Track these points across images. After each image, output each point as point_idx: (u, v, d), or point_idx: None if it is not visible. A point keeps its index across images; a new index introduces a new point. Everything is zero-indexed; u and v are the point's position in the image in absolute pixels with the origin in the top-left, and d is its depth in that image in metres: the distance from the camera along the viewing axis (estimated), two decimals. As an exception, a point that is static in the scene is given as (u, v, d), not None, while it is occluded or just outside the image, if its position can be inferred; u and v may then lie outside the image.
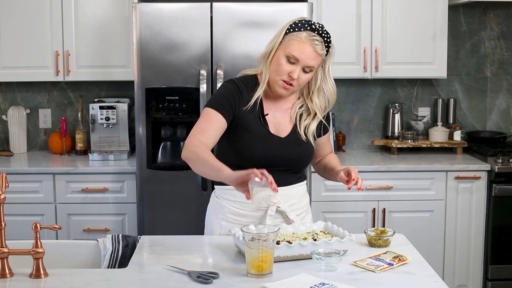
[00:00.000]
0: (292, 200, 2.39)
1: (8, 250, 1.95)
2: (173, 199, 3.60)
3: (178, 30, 3.52)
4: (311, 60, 2.23)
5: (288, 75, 2.24)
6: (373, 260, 2.07)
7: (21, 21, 3.93)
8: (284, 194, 2.34)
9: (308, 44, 2.22)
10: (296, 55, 2.22)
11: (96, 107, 3.99)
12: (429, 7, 3.99)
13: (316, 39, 2.23)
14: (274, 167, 2.29)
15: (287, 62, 2.24)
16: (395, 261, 2.06)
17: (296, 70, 2.23)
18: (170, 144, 3.68)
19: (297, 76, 2.24)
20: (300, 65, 2.23)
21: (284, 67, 2.24)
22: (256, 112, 2.32)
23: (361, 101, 4.38)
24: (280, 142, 2.32)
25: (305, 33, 2.23)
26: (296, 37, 2.23)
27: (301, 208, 2.44)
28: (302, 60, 2.22)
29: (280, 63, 2.25)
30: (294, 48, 2.22)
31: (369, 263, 2.04)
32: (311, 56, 2.23)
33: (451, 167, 3.82)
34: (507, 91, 4.43)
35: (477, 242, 3.87)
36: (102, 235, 3.38)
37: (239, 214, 2.36)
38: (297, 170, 2.40)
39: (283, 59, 2.24)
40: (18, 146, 4.22)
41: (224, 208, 2.39)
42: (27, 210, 3.71)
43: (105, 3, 3.93)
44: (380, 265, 2.03)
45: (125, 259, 2.20)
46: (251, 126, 2.31)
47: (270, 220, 2.30)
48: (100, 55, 3.95)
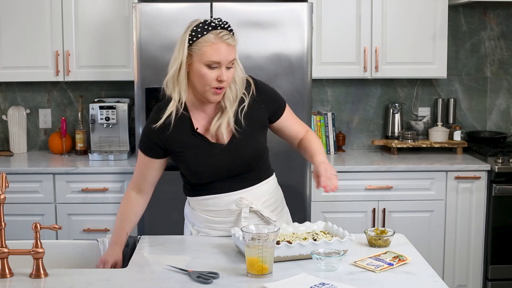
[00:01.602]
0: (263, 197, 2.37)
1: (8, 250, 1.95)
2: (173, 199, 3.60)
3: (178, 30, 3.48)
4: (230, 56, 2.17)
5: (216, 81, 2.18)
6: (373, 260, 2.07)
7: (21, 21, 3.93)
8: (253, 193, 2.33)
9: (220, 42, 2.15)
10: (216, 59, 2.15)
11: (96, 107, 3.99)
12: (429, 7, 3.99)
13: (224, 34, 2.16)
14: (229, 174, 2.30)
15: (210, 70, 2.17)
16: (395, 261, 2.06)
17: (222, 72, 2.17)
18: (170, 144, 3.68)
19: (226, 78, 2.18)
20: (223, 65, 2.17)
21: (210, 75, 2.16)
22: (188, 130, 2.28)
23: (361, 101, 4.38)
24: (222, 150, 2.28)
25: (211, 35, 2.15)
26: (205, 42, 2.15)
27: (274, 203, 2.42)
28: (222, 60, 2.16)
29: (203, 74, 2.17)
30: (210, 54, 2.14)
31: (369, 263, 2.04)
32: (228, 52, 2.16)
33: (451, 167, 3.82)
34: (507, 91, 4.43)
35: (477, 242, 3.87)
36: (102, 235, 3.37)
37: (212, 221, 2.36)
38: (255, 168, 2.35)
39: (204, 69, 2.16)
40: (18, 146, 4.22)
41: (200, 217, 2.39)
42: (27, 210, 3.71)
43: (105, 3, 3.93)
44: (380, 265, 2.03)
45: (125, 259, 2.21)
46: (188, 144, 2.27)
47: (245, 222, 2.28)
48: (100, 55, 3.95)
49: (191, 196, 2.41)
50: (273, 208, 2.41)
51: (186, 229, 2.51)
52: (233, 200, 2.31)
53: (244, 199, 2.31)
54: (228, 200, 2.32)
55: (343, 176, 3.67)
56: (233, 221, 2.33)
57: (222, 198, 2.32)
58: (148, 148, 2.33)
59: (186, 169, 2.33)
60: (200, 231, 2.41)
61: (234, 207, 2.32)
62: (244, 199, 2.31)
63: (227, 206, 2.33)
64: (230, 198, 2.31)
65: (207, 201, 2.34)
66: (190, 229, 2.46)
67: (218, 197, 2.32)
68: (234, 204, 2.31)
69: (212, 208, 2.34)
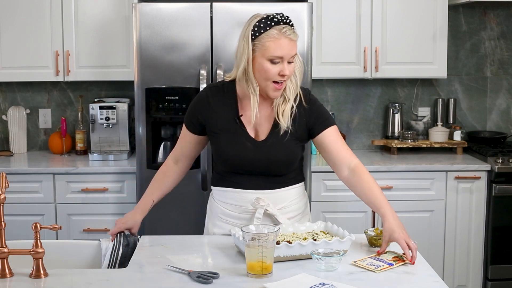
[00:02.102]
0: (283, 203, 2.36)
1: (8, 250, 1.95)
2: (173, 199, 3.59)
3: (178, 30, 3.52)
4: (292, 51, 2.22)
5: (278, 75, 2.22)
6: (373, 260, 2.07)
7: (21, 21, 3.93)
8: (273, 196, 2.34)
9: (283, 37, 2.19)
10: (279, 54, 2.19)
11: (96, 107, 3.99)
12: (429, 7, 3.99)
13: (286, 29, 2.20)
14: (255, 171, 2.31)
15: (272, 64, 2.20)
16: (395, 261, 2.06)
17: (285, 67, 2.21)
18: (170, 144, 3.68)
19: (288, 72, 2.22)
20: (286, 60, 2.21)
21: (272, 70, 2.20)
22: (232, 114, 2.32)
23: (361, 101, 4.38)
24: (255, 145, 2.29)
25: (275, 30, 2.19)
26: (269, 37, 2.18)
27: (294, 211, 2.40)
28: (285, 55, 2.20)
29: (266, 69, 2.20)
30: (273, 49, 2.18)
31: (369, 263, 2.04)
32: (291, 47, 2.21)
33: (451, 167, 3.82)
34: (507, 91, 4.43)
35: (477, 242, 3.87)
36: (102, 235, 3.38)
37: (228, 215, 2.38)
38: (280, 174, 2.35)
39: (267, 64, 2.20)
40: (18, 146, 4.22)
41: (217, 208, 2.42)
42: (27, 210, 3.71)
43: (105, 3, 3.93)
44: (380, 265, 2.03)
45: (125, 259, 2.20)
46: (227, 128, 2.31)
47: (257, 223, 2.27)
48: (100, 55, 3.95)
49: (216, 186, 2.43)
50: (292, 215, 2.39)
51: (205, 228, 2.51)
52: (251, 198, 2.32)
53: (261, 200, 2.31)
54: (247, 198, 2.33)
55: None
56: (247, 219, 2.33)
57: (242, 194, 2.34)
58: (189, 121, 2.42)
59: (215, 150, 2.38)
60: (215, 224, 2.41)
61: (250, 206, 2.33)
62: (261, 200, 2.31)
63: (245, 203, 2.33)
64: (249, 196, 2.32)
65: (227, 193, 2.37)
66: (208, 227, 2.46)
67: (238, 192, 2.34)
68: (250, 204, 2.33)
69: (230, 201, 2.36)
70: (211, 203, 2.48)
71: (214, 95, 2.35)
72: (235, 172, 2.34)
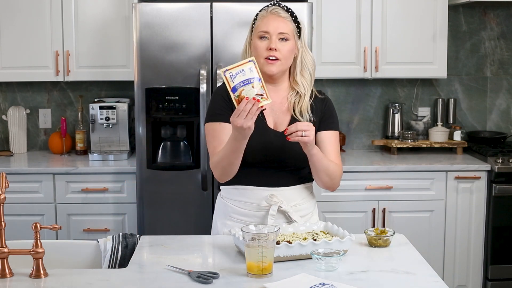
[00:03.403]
0: (294, 201, 2.37)
1: (8, 250, 1.95)
2: (173, 199, 3.60)
3: (178, 30, 3.52)
4: (279, 26, 2.29)
5: (266, 50, 2.28)
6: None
7: (21, 21, 3.93)
8: (285, 194, 2.34)
9: (270, 14, 2.32)
10: (265, 29, 2.29)
11: (96, 107, 3.99)
12: (429, 7, 3.99)
13: (276, 9, 2.32)
14: (272, 163, 2.31)
15: (261, 41, 2.30)
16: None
17: (271, 41, 2.28)
18: (170, 144, 3.68)
19: (275, 46, 2.27)
20: (273, 35, 2.29)
21: (260, 45, 2.30)
22: None
23: (361, 101, 4.38)
24: (277, 136, 2.31)
25: (264, 11, 2.35)
26: (259, 17, 2.34)
27: (305, 209, 2.42)
28: (271, 30, 2.29)
29: (256, 46, 2.31)
30: (260, 26, 2.31)
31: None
32: (278, 22, 2.30)
33: (451, 167, 3.82)
34: (507, 91, 4.43)
35: (477, 242, 3.87)
36: (102, 235, 3.38)
37: (241, 213, 2.36)
38: (298, 167, 2.37)
39: (257, 41, 2.31)
40: (18, 146, 4.22)
41: (228, 207, 2.40)
42: (27, 210, 3.71)
43: (105, 3, 3.93)
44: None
45: (124, 260, 2.20)
46: None
47: (271, 220, 2.29)
48: (100, 55, 3.95)
49: (225, 185, 2.39)
50: (303, 214, 2.40)
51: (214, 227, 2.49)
52: (264, 196, 2.32)
53: (275, 196, 2.32)
54: (260, 195, 2.33)
55: (343, 176, 3.65)
56: (261, 216, 2.33)
57: (255, 191, 2.33)
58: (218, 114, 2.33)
59: None
60: (225, 224, 2.39)
61: (264, 203, 2.32)
62: (275, 196, 2.32)
63: (258, 200, 2.33)
64: (262, 193, 2.33)
65: (239, 190, 2.36)
66: (218, 227, 2.44)
67: (251, 189, 2.34)
68: (264, 201, 2.32)
69: (243, 199, 2.35)
70: (220, 203, 2.46)
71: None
72: (249, 166, 2.30)
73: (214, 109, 2.37)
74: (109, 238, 2.31)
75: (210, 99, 2.43)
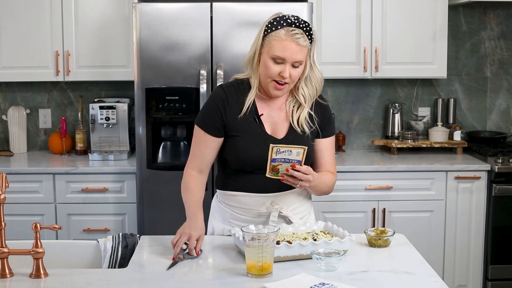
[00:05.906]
0: (294, 204, 2.37)
1: (8, 250, 1.95)
2: (173, 199, 3.60)
3: (178, 30, 3.52)
4: (297, 55, 2.21)
5: (278, 75, 2.22)
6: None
7: (21, 21, 3.93)
8: (286, 198, 2.33)
9: (289, 40, 2.19)
10: (281, 55, 2.19)
11: (96, 107, 3.99)
12: (429, 7, 3.99)
13: (295, 33, 2.20)
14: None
15: (274, 64, 2.22)
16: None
17: (285, 69, 2.21)
18: (170, 144, 3.68)
19: (288, 75, 2.22)
20: (288, 62, 2.21)
21: (273, 69, 2.22)
22: (250, 114, 2.31)
23: (361, 101, 4.38)
24: (275, 142, 2.28)
25: (283, 31, 2.20)
26: (276, 37, 2.20)
27: (303, 211, 2.42)
28: (288, 57, 2.20)
29: (268, 66, 2.22)
30: (276, 48, 2.20)
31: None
32: (296, 51, 2.20)
33: (451, 167, 3.82)
34: (507, 91, 4.43)
35: (477, 242, 3.87)
36: (102, 235, 3.38)
37: (241, 219, 2.35)
38: None
39: (269, 62, 2.22)
40: (18, 146, 4.22)
41: (227, 213, 2.39)
42: (27, 210, 3.71)
43: (105, 3, 3.93)
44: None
45: (124, 260, 2.20)
46: (246, 128, 2.29)
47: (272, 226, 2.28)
48: (100, 55, 3.95)
49: (223, 190, 2.39)
50: (302, 216, 2.40)
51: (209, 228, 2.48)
52: (264, 202, 2.31)
53: (275, 203, 2.31)
54: (260, 201, 2.31)
55: (343, 176, 3.67)
56: (261, 223, 2.29)
57: (254, 198, 2.32)
58: (209, 125, 2.31)
59: (232, 151, 2.31)
60: (224, 229, 2.39)
61: (264, 210, 2.31)
62: (275, 203, 2.31)
63: (258, 207, 2.32)
64: (261, 200, 2.31)
65: (238, 197, 2.34)
66: (213, 225, 2.44)
67: (250, 196, 2.32)
68: (264, 207, 2.31)
69: (242, 206, 2.33)
70: (217, 206, 2.45)
71: (230, 94, 2.32)
72: (247, 173, 2.30)
73: (205, 115, 2.34)
74: (109, 238, 2.31)
75: (207, 99, 2.40)
